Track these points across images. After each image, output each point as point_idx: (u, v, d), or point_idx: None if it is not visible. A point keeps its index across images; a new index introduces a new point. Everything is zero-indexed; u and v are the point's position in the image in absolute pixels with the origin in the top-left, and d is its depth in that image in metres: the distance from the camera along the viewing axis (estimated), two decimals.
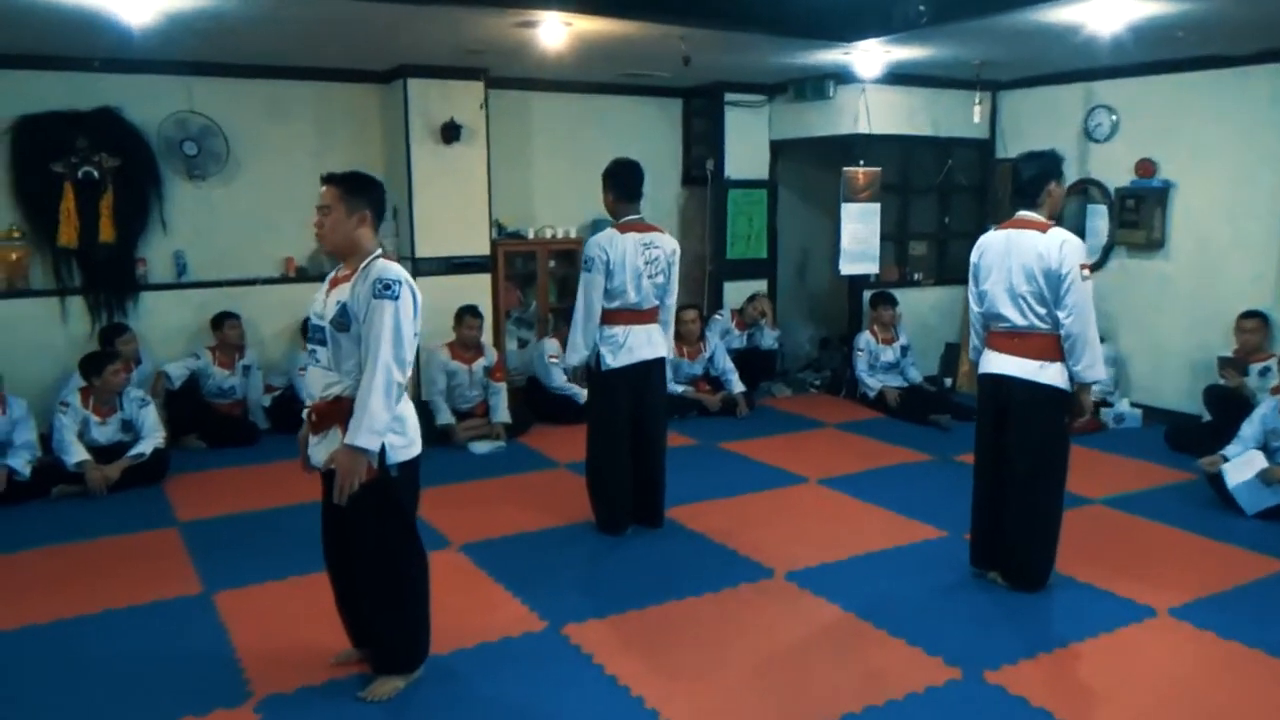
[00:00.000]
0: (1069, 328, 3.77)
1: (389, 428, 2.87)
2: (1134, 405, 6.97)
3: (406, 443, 2.98)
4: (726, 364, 7.32)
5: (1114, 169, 7.21)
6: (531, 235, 7.52)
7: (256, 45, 6.01)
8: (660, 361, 4.72)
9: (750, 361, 7.73)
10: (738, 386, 7.23)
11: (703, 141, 8.30)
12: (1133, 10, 4.97)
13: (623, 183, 4.61)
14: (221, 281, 6.66)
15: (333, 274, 3.07)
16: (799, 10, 5.47)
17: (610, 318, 4.57)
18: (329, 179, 3.01)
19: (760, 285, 8.30)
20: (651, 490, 4.77)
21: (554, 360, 6.83)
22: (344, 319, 2.89)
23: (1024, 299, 3.86)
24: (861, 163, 7.47)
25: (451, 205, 7.03)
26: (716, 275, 8.18)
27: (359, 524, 2.96)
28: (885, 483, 5.54)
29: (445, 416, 6.34)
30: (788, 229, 8.64)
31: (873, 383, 7.35)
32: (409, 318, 2.88)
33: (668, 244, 4.66)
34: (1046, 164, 3.94)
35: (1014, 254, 3.89)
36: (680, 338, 7.26)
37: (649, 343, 4.64)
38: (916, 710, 3.12)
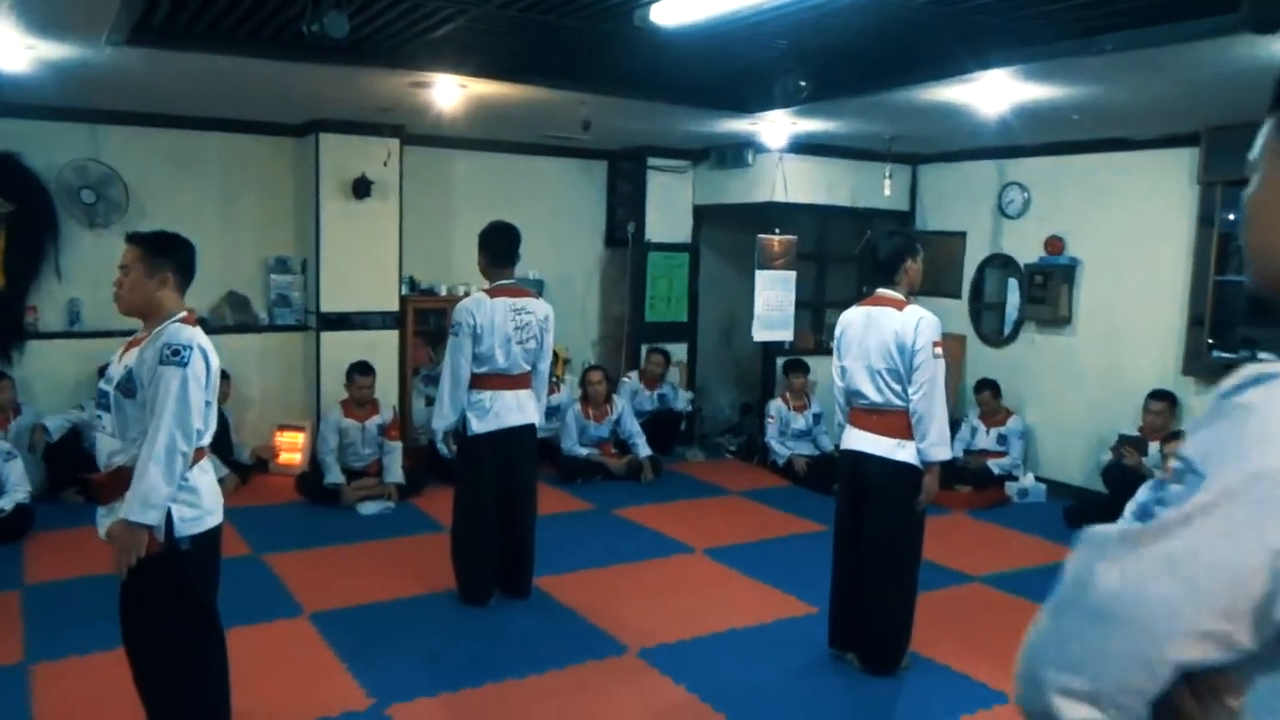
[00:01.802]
0: (916, 404, 3.76)
1: (171, 499, 2.74)
2: (1039, 479, 6.93)
3: (199, 514, 2.84)
4: (633, 427, 7.23)
5: (1025, 245, 7.26)
6: (444, 292, 7.45)
7: (159, 96, 5.97)
8: (530, 428, 4.63)
9: (662, 423, 7.66)
10: (644, 450, 7.13)
11: (626, 204, 8.31)
12: (1016, 92, 5.02)
13: (495, 245, 4.55)
14: (114, 332, 6.47)
15: (133, 336, 2.99)
16: (700, 79, 5.49)
17: (478, 383, 4.48)
18: (131, 238, 2.94)
19: (680, 349, 8.26)
20: (518, 560, 4.64)
21: None
22: (129, 384, 2.79)
23: (881, 375, 3.85)
24: (777, 230, 7.48)
25: (361, 260, 6.98)
26: (634, 337, 8.14)
27: (139, 600, 2.82)
28: (771, 555, 5.45)
29: (334, 475, 6.20)
30: (714, 293, 8.63)
31: (782, 450, 7.29)
32: (199, 385, 2.78)
33: (540, 309, 4.60)
34: (902, 243, 3.95)
35: (872, 331, 3.90)
36: (587, 399, 7.19)
37: (518, 409, 4.56)
38: None
